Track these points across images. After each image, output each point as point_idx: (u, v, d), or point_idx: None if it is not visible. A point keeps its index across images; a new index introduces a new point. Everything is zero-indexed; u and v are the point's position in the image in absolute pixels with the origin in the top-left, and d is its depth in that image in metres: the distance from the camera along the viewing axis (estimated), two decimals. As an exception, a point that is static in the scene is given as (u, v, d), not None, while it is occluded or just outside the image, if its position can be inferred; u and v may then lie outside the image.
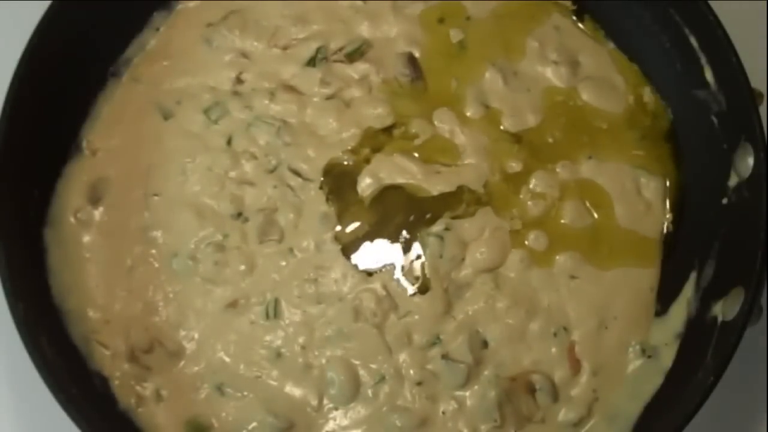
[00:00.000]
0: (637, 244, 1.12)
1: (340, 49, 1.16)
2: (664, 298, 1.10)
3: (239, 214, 1.10)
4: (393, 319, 1.06)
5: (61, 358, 1.00)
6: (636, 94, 1.17)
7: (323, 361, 1.05)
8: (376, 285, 1.08)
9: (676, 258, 1.11)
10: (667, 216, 1.13)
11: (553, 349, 1.07)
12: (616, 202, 1.12)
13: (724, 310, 1.01)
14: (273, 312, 1.07)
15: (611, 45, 1.19)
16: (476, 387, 1.05)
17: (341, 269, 1.08)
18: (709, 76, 1.08)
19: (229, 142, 1.12)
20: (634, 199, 1.13)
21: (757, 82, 1.04)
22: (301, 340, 1.06)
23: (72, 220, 1.09)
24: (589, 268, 1.10)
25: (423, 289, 1.08)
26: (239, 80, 1.15)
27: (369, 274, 1.08)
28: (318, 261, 1.09)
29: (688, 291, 1.09)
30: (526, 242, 1.10)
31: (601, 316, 1.08)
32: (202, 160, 1.12)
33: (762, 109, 1.03)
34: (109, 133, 1.13)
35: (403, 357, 1.05)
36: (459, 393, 1.05)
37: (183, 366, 1.05)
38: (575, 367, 1.07)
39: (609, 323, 1.08)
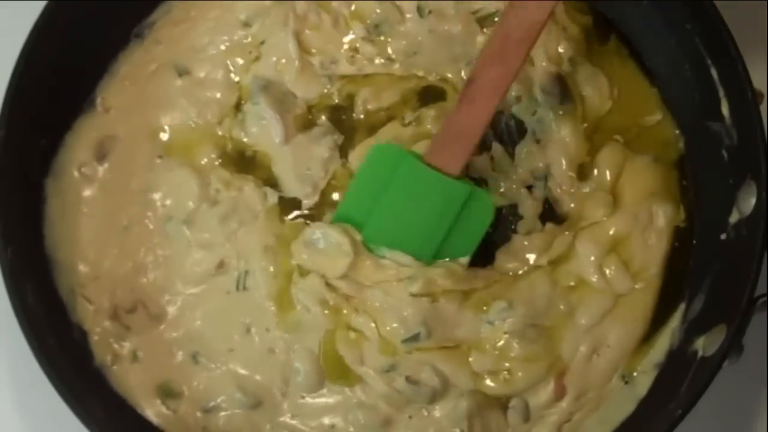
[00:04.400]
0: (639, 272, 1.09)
1: None
2: (650, 326, 1.08)
3: None
4: None
5: (44, 306, 1.01)
6: (652, 116, 1.15)
7: (288, 348, 1.05)
8: None
9: (668, 287, 1.09)
10: (670, 245, 1.11)
11: (541, 374, 1.06)
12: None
13: (705, 345, 1.00)
14: (243, 285, 1.07)
15: (633, 66, 1.17)
16: (446, 400, 1.03)
17: None
18: (725, 109, 1.06)
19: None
20: (644, 226, 1.10)
21: (757, 82, 1.03)
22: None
23: (75, 173, 1.09)
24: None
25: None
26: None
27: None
28: None
29: (674, 321, 1.08)
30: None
31: (594, 343, 1.07)
32: (212, 115, 1.12)
33: (762, 109, 1.02)
34: (124, 91, 1.13)
35: (365, 370, 1.04)
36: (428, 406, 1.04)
37: (162, 330, 1.06)
38: (560, 393, 1.05)
39: (601, 351, 1.07)
